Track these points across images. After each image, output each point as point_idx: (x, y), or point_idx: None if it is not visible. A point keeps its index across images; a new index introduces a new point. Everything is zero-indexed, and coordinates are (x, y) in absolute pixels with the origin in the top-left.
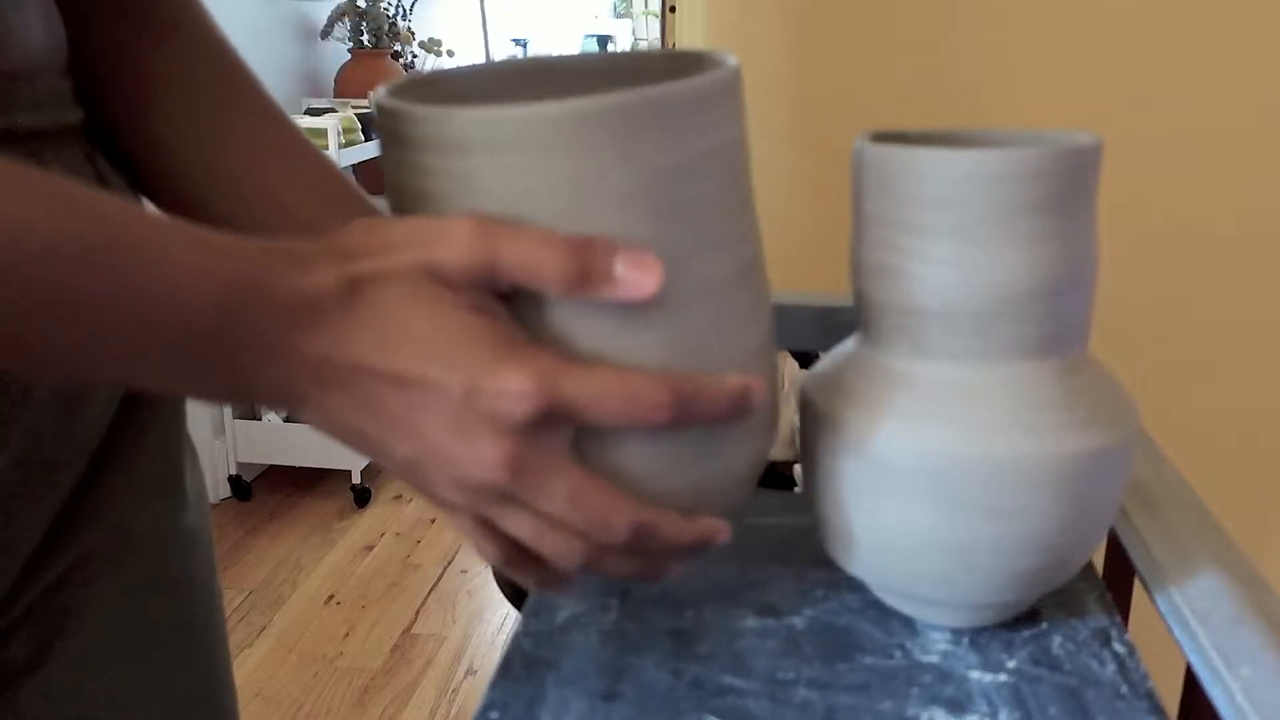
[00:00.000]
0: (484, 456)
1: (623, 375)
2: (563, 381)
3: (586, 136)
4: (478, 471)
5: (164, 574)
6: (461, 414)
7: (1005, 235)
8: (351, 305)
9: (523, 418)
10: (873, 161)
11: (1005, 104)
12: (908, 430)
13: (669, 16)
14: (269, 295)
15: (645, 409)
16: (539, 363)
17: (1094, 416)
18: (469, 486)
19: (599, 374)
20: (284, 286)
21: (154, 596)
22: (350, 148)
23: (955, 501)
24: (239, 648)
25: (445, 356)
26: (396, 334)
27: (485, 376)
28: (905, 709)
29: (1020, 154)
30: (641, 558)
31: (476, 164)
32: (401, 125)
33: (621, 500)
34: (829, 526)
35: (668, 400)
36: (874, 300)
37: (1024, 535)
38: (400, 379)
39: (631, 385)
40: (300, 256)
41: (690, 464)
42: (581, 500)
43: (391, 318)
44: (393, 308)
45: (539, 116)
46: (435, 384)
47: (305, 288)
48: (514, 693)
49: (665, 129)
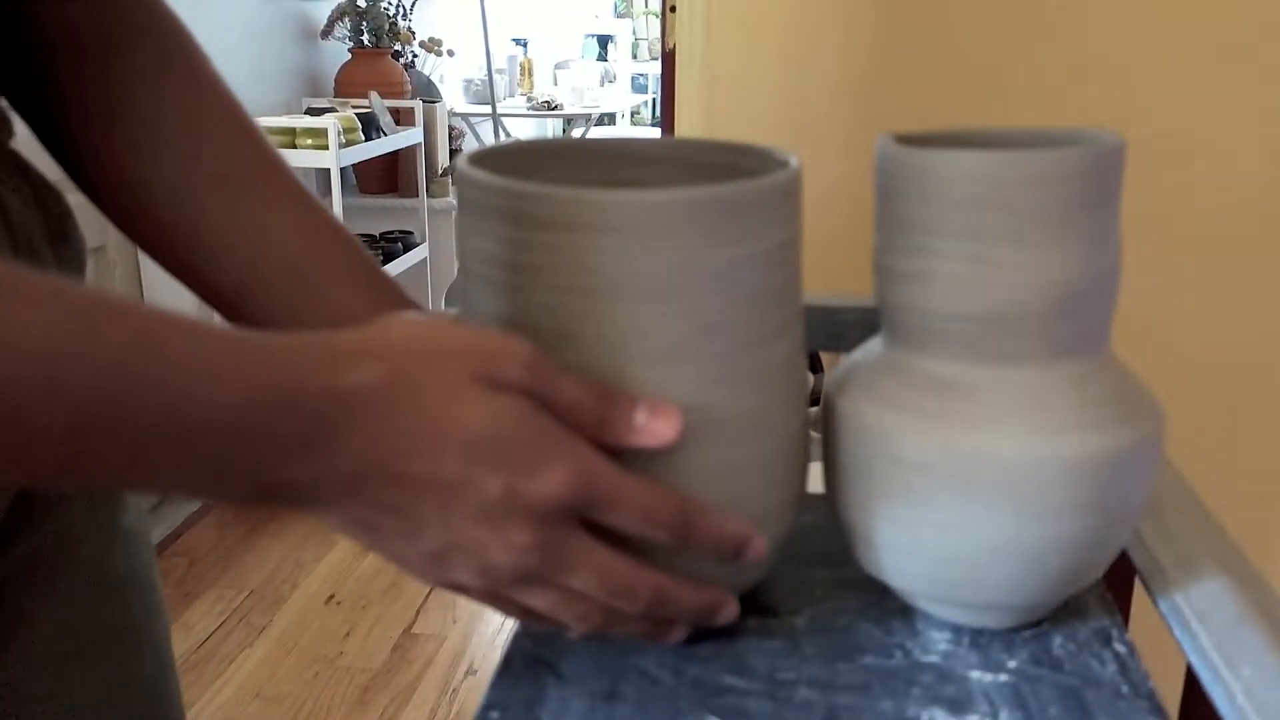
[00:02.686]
0: (513, 542)
1: (645, 486)
2: (595, 479)
3: (688, 222)
4: (506, 557)
5: (106, 576)
6: (496, 509)
7: (1049, 236)
8: (390, 407)
9: (555, 508)
10: (900, 164)
11: (1006, 104)
12: (966, 436)
13: (669, 16)
14: (306, 397)
15: (654, 524)
16: (574, 457)
17: (1128, 412)
18: (493, 571)
19: (627, 481)
20: (321, 387)
21: (97, 599)
22: (350, 148)
23: (1022, 505)
24: (239, 648)
25: (486, 456)
26: (439, 433)
27: (524, 475)
28: (905, 709)
29: (1061, 155)
30: (654, 621)
31: (584, 242)
32: (505, 200)
33: (643, 572)
34: (865, 535)
35: (676, 522)
36: (907, 305)
37: (1083, 533)
38: (437, 481)
39: (652, 499)
40: (338, 356)
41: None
42: (607, 576)
43: (434, 416)
44: (435, 407)
45: (653, 203)
46: (475, 484)
47: (343, 390)
48: (514, 693)
49: (751, 219)
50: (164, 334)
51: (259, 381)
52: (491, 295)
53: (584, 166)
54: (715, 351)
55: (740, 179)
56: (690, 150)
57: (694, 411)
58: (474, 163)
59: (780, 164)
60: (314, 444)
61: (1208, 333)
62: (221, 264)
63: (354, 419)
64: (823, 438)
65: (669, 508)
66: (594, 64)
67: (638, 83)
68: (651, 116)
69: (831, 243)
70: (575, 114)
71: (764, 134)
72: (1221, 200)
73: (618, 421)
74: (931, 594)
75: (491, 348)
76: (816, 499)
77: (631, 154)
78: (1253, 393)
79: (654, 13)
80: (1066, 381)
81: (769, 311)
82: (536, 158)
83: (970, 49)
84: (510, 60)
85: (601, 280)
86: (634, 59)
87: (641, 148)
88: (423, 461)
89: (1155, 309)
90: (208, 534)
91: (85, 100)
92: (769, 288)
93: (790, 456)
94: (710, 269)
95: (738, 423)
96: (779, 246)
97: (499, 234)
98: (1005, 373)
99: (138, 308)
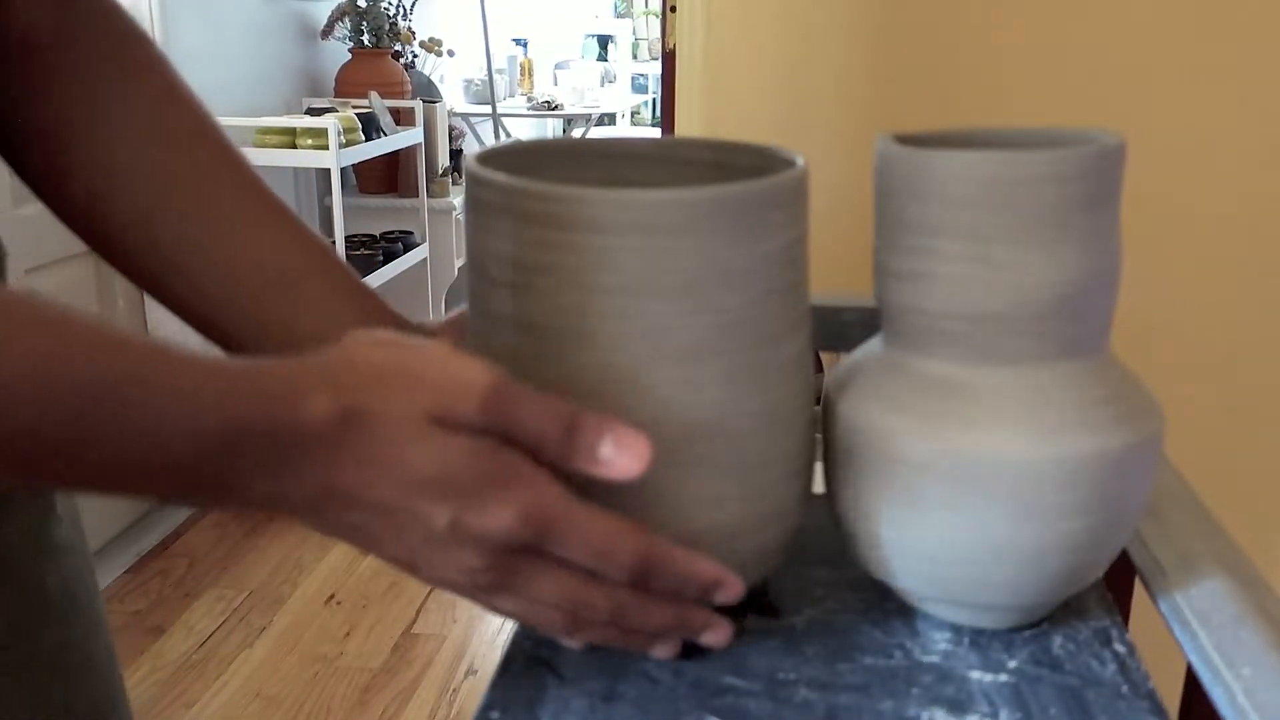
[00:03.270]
0: (466, 564)
1: (602, 525)
2: (547, 516)
3: (710, 220)
4: (462, 575)
5: (42, 592)
6: (446, 538)
7: (1049, 236)
8: (345, 438)
9: (503, 542)
10: (900, 164)
11: (1006, 104)
12: (966, 436)
13: (669, 16)
14: (267, 432)
15: (609, 562)
16: (527, 493)
17: (1128, 412)
18: (452, 582)
19: (583, 519)
20: (280, 422)
21: (33, 617)
22: (350, 148)
23: (1022, 505)
24: (239, 648)
25: (433, 491)
26: (388, 467)
27: (471, 511)
28: (905, 709)
29: (1061, 155)
30: (627, 632)
31: (607, 241)
32: (524, 200)
33: (600, 589)
34: (865, 535)
35: (633, 563)
36: (907, 305)
37: (1083, 533)
38: (388, 508)
39: (607, 539)
40: (297, 387)
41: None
42: (567, 592)
43: (385, 451)
44: (386, 443)
45: (678, 201)
46: (424, 517)
47: (301, 423)
48: (514, 693)
49: (768, 216)
50: (129, 370)
51: (224, 415)
52: (508, 296)
53: (584, 166)
54: (733, 349)
55: (741, 178)
56: (690, 149)
57: (711, 408)
58: (481, 163)
59: (784, 162)
60: (278, 469)
61: (1208, 333)
62: (197, 280)
63: (313, 450)
64: (823, 438)
65: (628, 548)
66: (594, 64)
67: (638, 83)
68: (651, 116)
69: (832, 243)
70: (575, 114)
71: (764, 134)
72: (1221, 200)
73: (581, 453)
74: (931, 594)
75: (451, 383)
76: (816, 499)
77: (631, 154)
78: (1252, 393)
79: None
80: (1066, 381)
81: (783, 309)
82: (537, 158)
83: (970, 49)
84: (510, 60)
85: (624, 279)
86: (634, 59)
87: (641, 147)
88: (374, 492)
89: (1155, 309)
90: (208, 534)
91: (47, 111)
92: (783, 285)
93: (800, 453)
94: (730, 266)
95: (752, 420)
96: (792, 244)
97: (517, 235)
98: (1005, 373)
99: (100, 339)
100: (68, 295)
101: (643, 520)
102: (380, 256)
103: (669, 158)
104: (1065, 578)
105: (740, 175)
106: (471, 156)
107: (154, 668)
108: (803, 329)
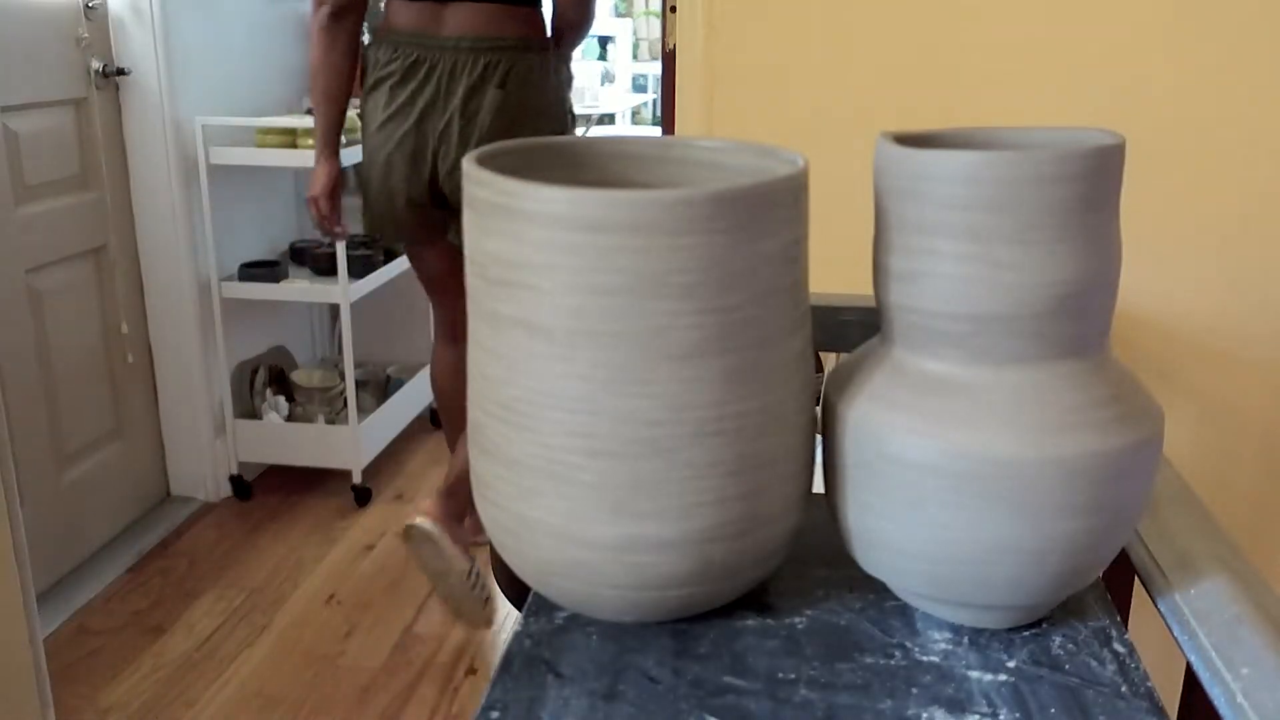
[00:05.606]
0: None
1: None
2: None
3: (713, 220)
4: None
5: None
6: None
7: (1049, 236)
8: None
9: None
10: (900, 164)
11: (1006, 104)
12: (966, 436)
13: (669, 16)
14: None
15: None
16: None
17: (1128, 412)
18: None
19: None
20: None
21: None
22: (351, 147)
23: (1022, 505)
24: (239, 647)
25: None
26: None
27: None
28: (905, 709)
29: (1061, 155)
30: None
31: (612, 241)
32: (527, 201)
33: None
34: (865, 535)
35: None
36: (907, 305)
37: (1083, 533)
38: None
39: None
40: None
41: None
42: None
43: None
44: None
45: (681, 200)
46: None
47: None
48: (514, 693)
49: (770, 216)
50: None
51: None
52: (508, 296)
53: (584, 166)
54: (736, 348)
55: (741, 177)
56: (689, 149)
57: (715, 407)
58: (481, 164)
59: (784, 162)
60: None
61: (1208, 333)
62: None
63: None
64: (822, 438)
65: None
66: (594, 64)
67: (638, 83)
68: (652, 116)
69: (831, 243)
70: (575, 114)
71: (764, 134)
72: (1222, 200)
73: None
74: (931, 594)
75: None
76: (816, 499)
77: (631, 154)
78: (1252, 393)
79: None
80: (1066, 381)
81: (784, 308)
82: (536, 158)
83: (970, 49)
84: None
85: (628, 279)
86: (634, 59)
87: (641, 147)
88: None
89: (1155, 309)
90: (208, 534)
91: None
92: (784, 284)
93: (801, 451)
94: (733, 266)
95: (755, 418)
96: (793, 243)
97: (520, 235)
98: (1005, 373)
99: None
100: (68, 295)
101: (644, 518)
102: (380, 256)
103: (669, 158)
104: (1065, 578)
105: (740, 175)
106: (471, 157)
107: (154, 667)
108: (803, 328)
